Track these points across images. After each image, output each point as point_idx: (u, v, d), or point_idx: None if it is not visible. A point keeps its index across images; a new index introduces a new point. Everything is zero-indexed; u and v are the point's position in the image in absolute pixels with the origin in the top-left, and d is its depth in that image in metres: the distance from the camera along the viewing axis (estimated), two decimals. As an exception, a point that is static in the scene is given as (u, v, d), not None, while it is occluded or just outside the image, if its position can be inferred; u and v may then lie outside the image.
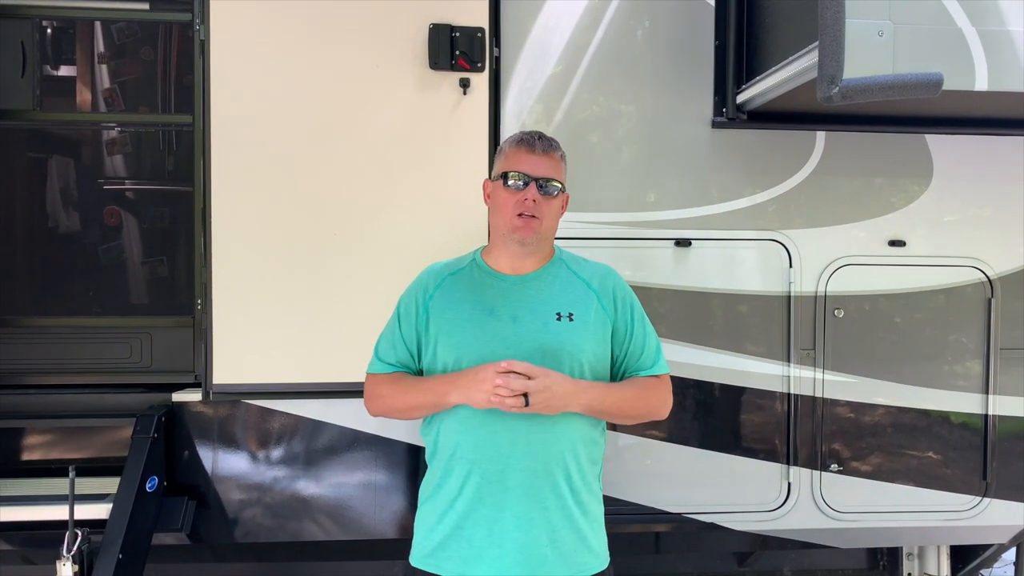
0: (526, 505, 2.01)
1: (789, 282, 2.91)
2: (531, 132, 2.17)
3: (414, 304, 2.15)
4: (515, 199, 2.07)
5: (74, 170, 3.23)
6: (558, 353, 2.07)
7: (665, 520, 2.93)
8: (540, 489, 2.03)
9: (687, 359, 2.87)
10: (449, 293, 2.13)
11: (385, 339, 2.20)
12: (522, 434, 2.01)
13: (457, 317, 2.09)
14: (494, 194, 2.14)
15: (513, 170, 2.09)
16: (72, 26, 3.19)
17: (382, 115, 2.73)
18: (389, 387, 2.14)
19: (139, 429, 2.68)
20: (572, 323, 2.12)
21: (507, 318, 2.08)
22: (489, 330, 2.06)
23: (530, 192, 2.07)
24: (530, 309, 2.10)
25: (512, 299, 2.10)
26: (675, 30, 2.88)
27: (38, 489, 2.70)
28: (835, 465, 2.94)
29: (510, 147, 2.14)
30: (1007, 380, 2.98)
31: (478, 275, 2.16)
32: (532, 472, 2.02)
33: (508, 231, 2.09)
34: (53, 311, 3.08)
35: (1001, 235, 2.99)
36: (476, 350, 2.04)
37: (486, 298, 2.11)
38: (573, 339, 2.10)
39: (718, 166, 2.90)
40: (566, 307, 2.12)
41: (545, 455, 2.03)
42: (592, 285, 2.17)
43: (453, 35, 2.70)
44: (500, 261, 2.15)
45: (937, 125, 2.92)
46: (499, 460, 2.01)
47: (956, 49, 2.30)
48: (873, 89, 2.17)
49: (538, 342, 2.06)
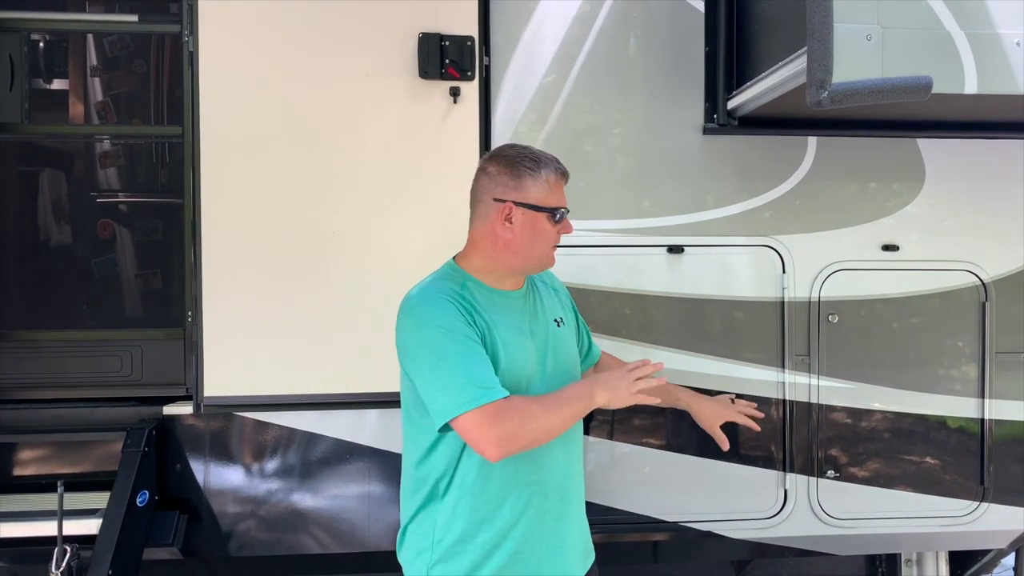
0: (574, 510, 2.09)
1: (783, 288, 2.90)
2: (558, 162, 2.09)
3: (466, 319, 1.91)
4: (556, 232, 2.05)
5: (66, 183, 3.21)
6: (570, 359, 2.14)
7: (662, 529, 2.91)
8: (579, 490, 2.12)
9: (681, 366, 2.85)
10: (479, 311, 1.96)
11: (470, 363, 1.85)
12: (564, 445, 2.03)
13: (498, 338, 1.96)
14: (532, 224, 2.01)
15: (563, 207, 2.05)
16: (61, 39, 3.19)
17: (372, 125, 2.72)
18: (537, 406, 1.85)
19: (129, 443, 2.65)
20: (566, 327, 2.18)
21: (528, 334, 2.05)
22: (525, 350, 2.02)
23: (569, 227, 2.08)
24: (539, 322, 2.10)
25: (525, 315, 2.08)
26: (665, 37, 2.88)
27: (28, 505, 2.68)
28: (831, 471, 2.92)
29: (555, 179, 2.05)
30: (1003, 384, 2.97)
31: (484, 295, 2.03)
32: (576, 476, 2.11)
33: (542, 262, 2.08)
34: (43, 324, 3.05)
35: (995, 238, 2.99)
36: (519, 372, 1.97)
37: (506, 316, 2.03)
38: (571, 343, 2.19)
39: (710, 172, 2.90)
40: (556, 313, 2.17)
41: (577, 459, 2.11)
42: (555, 287, 2.26)
43: (443, 44, 2.69)
44: (503, 280, 2.07)
45: (928, 129, 2.93)
46: (557, 475, 2.02)
47: (945, 52, 2.30)
48: (862, 93, 2.17)
49: (555, 352, 2.09)
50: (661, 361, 1.98)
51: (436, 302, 1.93)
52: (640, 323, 2.85)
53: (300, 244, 2.71)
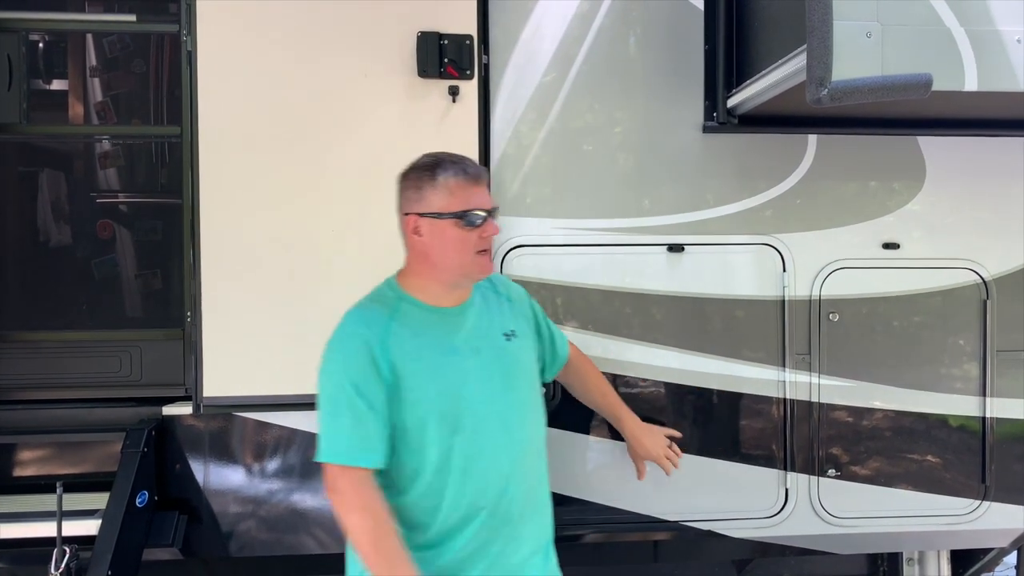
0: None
1: (783, 286, 2.90)
2: (463, 160, 2.03)
3: (372, 365, 1.91)
4: (474, 236, 1.98)
5: (65, 183, 3.21)
6: (522, 373, 2.11)
7: (663, 528, 2.91)
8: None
9: (681, 365, 2.85)
10: (404, 341, 1.96)
11: (346, 419, 1.89)
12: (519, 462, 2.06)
13: (427, 366, 1.96)
14: (439, 232, 1.98)
15: (473, 209, 1.97)
16: (59, 39, 3.19)
17: (371, 124, 2.71)
18: (371, 521, 1.87)
19: (129, 443, 2.65)
20: (518, 339, 2.13)
21: (470, 353, 2.01)
22: (461, 370, 1.99)
23: (492, 228, 2.01)
24: (484, 337, 2.06)
25: (466, 331, 2.04)
26: (665, 35, 2.87)
27: (27, 505, 2.67)
28: (833, 470, 2.92)
29: (455, 181, 1.98)
30: (1004, 382, 2.96)
31: (419, 314, 2.01)
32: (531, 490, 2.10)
33: (467, 271, 2.02)
34: (42, 325, 3.05)
35: (996, 236, 2.98)
36: (454, 393, 1.97)
37: (443, 337, 2.01)
38: (525, 355, 2.15)
39: (710, 171, 2.89)
40: (507, 324, 2.12)
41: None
42: (509, 295, 2.21)
43: (441, 43, 2.69)
44: (440, 296, 2.04)
45: (929, 127, 2.91)
46: (505, 493, 2.03)
47: (945, 50, 2.29)
48: (862, 91, 2.16)
49: (504, 369, 2.06)
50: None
51: (345, 345, 1.95)
52: (640, 322, 2.84)
53: (299, 244, 2.71)
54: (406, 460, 1.97)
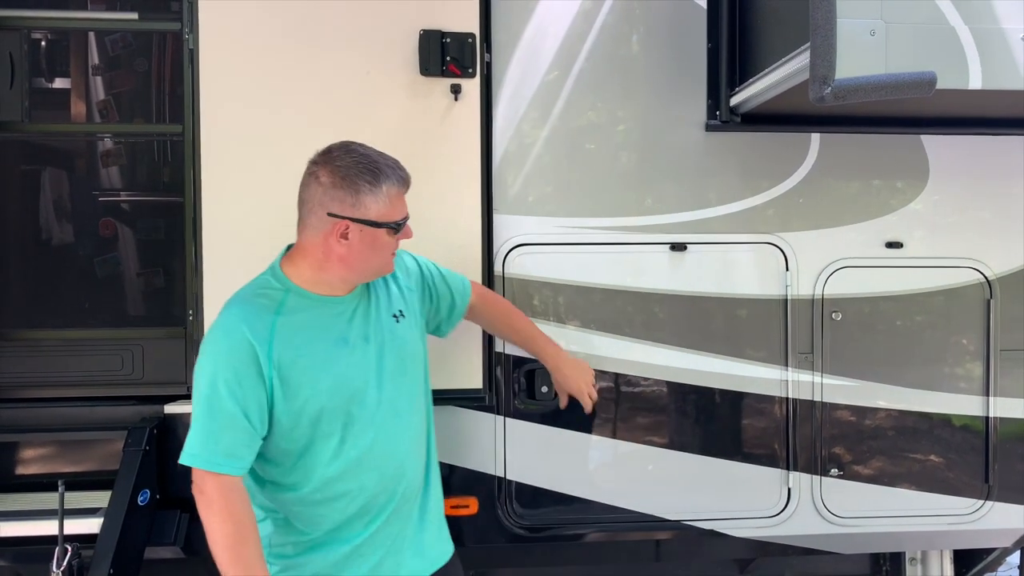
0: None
1: (786, 285, 2.89)
2: (397, 165, 2.00)
3: (252, 365, 1.87)
4: (395, 241, 2.01)
5: (67, 182, 3.21)
6: (411, 355, 2.11)
7: (665, 527, 2.90)
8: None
9: (683, 364, 2.84)
10: (291, 337, 1.91)
11: (214, 423, 1.85)
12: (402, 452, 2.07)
13: (316, 360, 1.93)
14: (371, 240, 1.95)
15: (403, 219, 1.99)
16: (61, 37, 3.18)
17: (373, 122, 2.70)
18: (232, 526, 1.85)
19: (130, 442, 2.65)
20: (407, 319, 2.12)
21: (360, 341, 2.00)
22: (352, 361, 1.98)
23: (409, 232, 2.03)
24: (373, 323, 2.04)
25: (355, 320, 2.02)
26: (667, 33, 2.86)
27: (29, 504, 2.67)
28: (835, 470, 2.91)
29: (396, 191, 1.97)
30: (1008, 382, 2.95)
31: (307, 305, 1.97)
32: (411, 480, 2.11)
33: (378, 272, 2.04)
34: (45, 323, 3.05)
35: (999, 235, 2.97)
36: (345, 385, 1.96)
37: (333, 328, 1.99)
38: (412, 334, 2.13)
39: (712, 170, 2.88)
40: (395, 305, 2.11)
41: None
42: (395, 273, 2.17)
43: (444, 41, 2.68)
44: (333, 288, 2.01)
45: (932, 125, 2.91)
46: (402, 477, 2.05)
47: (949, 48, 2.28)
48: (866, 89, 2.15)
49: (394, 354, 2.05)
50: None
51: (224, 343, 1.89)
52: (642, 321, 2.83)
53: (301, 242, 2.70)
54: (299, 454, 1.96)
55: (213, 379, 1.87)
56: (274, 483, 2.00)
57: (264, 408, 1.89)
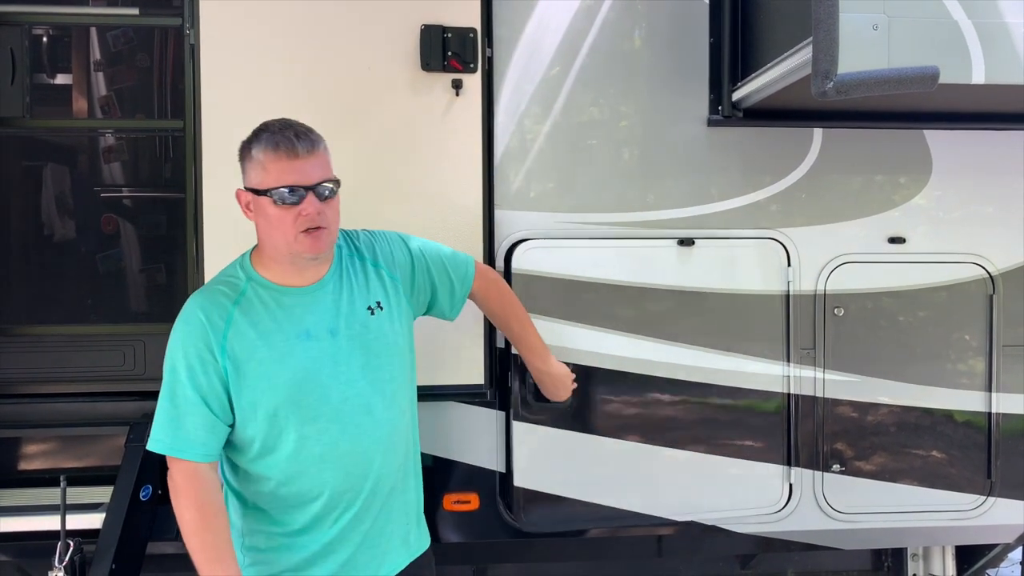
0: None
1: (788, 281, 2.88)
2: (282, 128, 1.89)
3: (207, 353, 1.86)
4: (292, 215, 1.86)
5: (68, 178, 3.20)
6: (387, 349, 2.02)
7: (667, 523, 2.90)
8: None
9: (685, 360, 2.83)
10: (247, 329, 1.89)
11: (176, 409, 1.86)
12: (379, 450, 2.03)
13: (274, 354, 1.89)
14: (261, 209, 1.88)
15: (281, 185, 1.84)
16: (62, 33, 3.18)
17: (374, 117, 2.70)
18: (197, 512, 1.86)
19: (132, 437, 2.64)
20: (385, 312, 2.03)
21: (325, 335, 1.94)
22: (314, 355, 1.92)
23: (310, 206, 1.86)
24: (342, 316, 1.97)
25: (320, 312, 1.95)
26: (669, 28, 2.85)
27: (31, 499, 2.67)
28: (837, 466, 2.91)
29: (265, 155, 1.85)
30: (1010, 378, 2.94)
31: (268, 296, 1.93)
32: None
33: (294, 251, 1.90)
34: (46, 319, 3.05)
35: (1002, 230, 2.97)
36: (306, 380, 1.91)
37: (294, 320, 1.92)
38: (393, 325, 2.05)
39: (714, 165, 2.88)
40: (372, 296, 2.03)
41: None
42: (376, 259, 2.10)
43: (445, 36, 2.67)
44: (290, 275, 1.95)
45: (935, 120, 2.90)
46: (370, 475, 2.01)
47: (952, 42, 2.27)
48: (868, 83, 2.15)
49: (365, 348, 1.98)
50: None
51: (183, 330, 1.90)
52: (643, 317, 2.83)
53: (302, 238, 2.69)
54: (262, 448, 1.94)
55: (174, 365, 1.88)
56: (245, 472, 1.99)
57: (223, 396, 1.89)
